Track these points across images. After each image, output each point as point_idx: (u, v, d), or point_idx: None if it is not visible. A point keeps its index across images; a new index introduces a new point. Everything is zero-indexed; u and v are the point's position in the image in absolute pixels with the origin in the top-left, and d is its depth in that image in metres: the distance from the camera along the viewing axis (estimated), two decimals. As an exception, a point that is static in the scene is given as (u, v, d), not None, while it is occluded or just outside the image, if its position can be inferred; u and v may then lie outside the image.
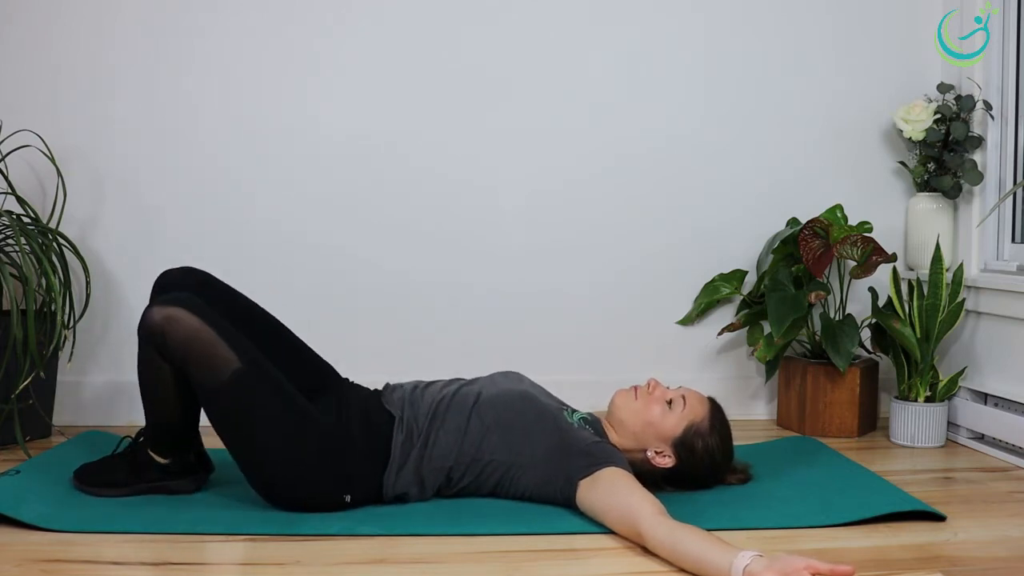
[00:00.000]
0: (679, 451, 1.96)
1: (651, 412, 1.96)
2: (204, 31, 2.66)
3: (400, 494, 1.90)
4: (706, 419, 1.97)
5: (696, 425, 1.95)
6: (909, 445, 2.54)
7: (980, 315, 2.60)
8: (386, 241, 2.74)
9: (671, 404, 1.97)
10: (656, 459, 1.95)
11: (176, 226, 2.67)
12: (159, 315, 1.77)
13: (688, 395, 1.99)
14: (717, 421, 1.99)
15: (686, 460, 1.96)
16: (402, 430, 1.90)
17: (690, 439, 1.95)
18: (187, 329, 1.76)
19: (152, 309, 1.79)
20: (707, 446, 1.96)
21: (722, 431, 1.99)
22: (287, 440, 1.80)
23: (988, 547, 1.77)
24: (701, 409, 1.98)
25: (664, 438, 1.95)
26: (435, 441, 1.90)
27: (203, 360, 1.76)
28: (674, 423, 1.95)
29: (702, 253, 2.85)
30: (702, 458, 1.96)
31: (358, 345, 2.64)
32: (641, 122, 2.82)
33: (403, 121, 2.73)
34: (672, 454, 1.96)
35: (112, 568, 1.59)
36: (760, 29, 2.85)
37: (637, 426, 1.96)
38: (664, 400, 1.97)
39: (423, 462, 1.89)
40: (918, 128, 2.71)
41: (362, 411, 1.94)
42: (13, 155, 2.50)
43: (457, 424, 1.91)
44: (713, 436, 1.97)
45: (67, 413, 2.59)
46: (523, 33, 2.77)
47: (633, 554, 1.69)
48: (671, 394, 1.99)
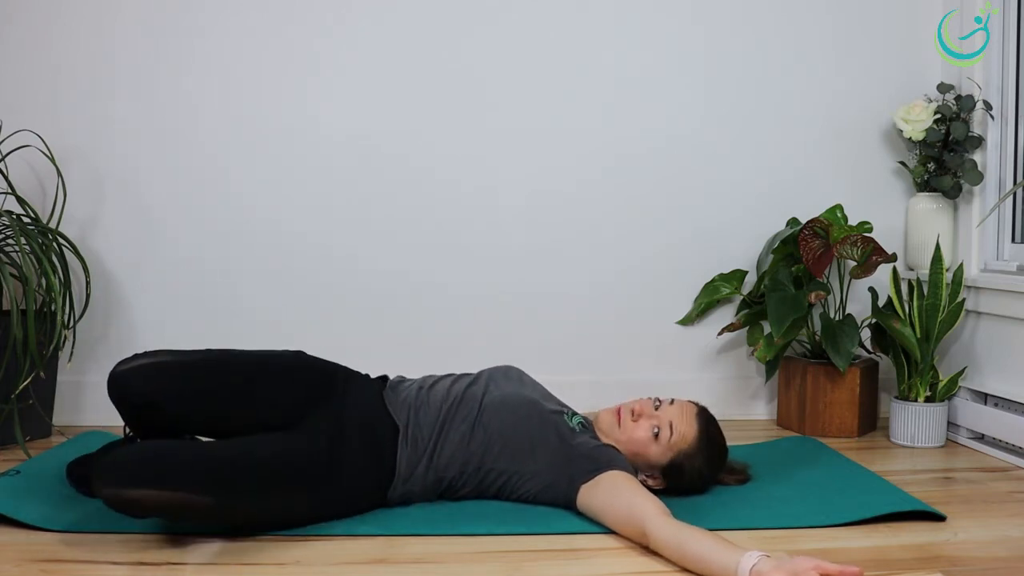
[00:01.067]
0: (667, 476, 1.96)
1: (636, 443, 1.93)
2: (204, 31, 2.66)
3: (402, 501, 1.90)
4: (694, 442, 1.94)
5: (684, 451, 1.94)
6: (909, 445, 2.54)
7: (980, 315, 2.60)
8: (386, 241, 2.74)
9: (658, 435, 1.93)
10: (646, 482, 1.95)
11: (176, 226, 2.67)
12: (117, 498, 1.59)
13: (676, 420, 1.94)
14: (704, 441, 1.96)
15: (675, 481, 1.96)
16: (407, 444, 1.88)
17: (678, 463, 1.94)
18: (151, 504, 1.59)
19: (106, 491, 1.59)
20: (694, 467, 1.95)
21: (709, 451, 1.97)
22: (287, 503, 1.75)
23: (988, 547, 1.77)
24: (690, 433, 1.94)
25: (651, 466, 1.95)
26: (440, 452, 1.90)
27: (179, 514, 1.64)
28: (660, 453, 1.93)
29: (702, 253, 2.85)
30: (691, 478, 1.96)
31: (357, 345, 2.63)
32: (641, 122, 2.82)
33: (403, 121, 2.73)
34: (660, 477, 1.96)
35: (112, 568, 1.59)
36: (760, 29, 2.85)
37: (624, 452, 1.94)
38: (650, 429, 1.93)
39: (428, 473, 1.89)
40: (918, 128, 2.71)
41: (364, 423, 1.88)
42: (13, 155, 2.50)
43: (462, 434, 1.90)
44: (699, 458, 1.95)
45: (67, 413, 2.59)
46: (523, 34, 2.77)
47: (634, 554, 1.69)
48: (658, 419, 1.94)
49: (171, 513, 1.63)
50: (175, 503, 1.59)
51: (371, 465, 1.85)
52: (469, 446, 1.90)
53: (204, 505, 1.62)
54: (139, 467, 1.60)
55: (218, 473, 1.65)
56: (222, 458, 1.68)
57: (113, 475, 1.59)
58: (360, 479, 1.83)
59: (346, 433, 1.83)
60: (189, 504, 1.60)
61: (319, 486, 1.77)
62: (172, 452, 1.66)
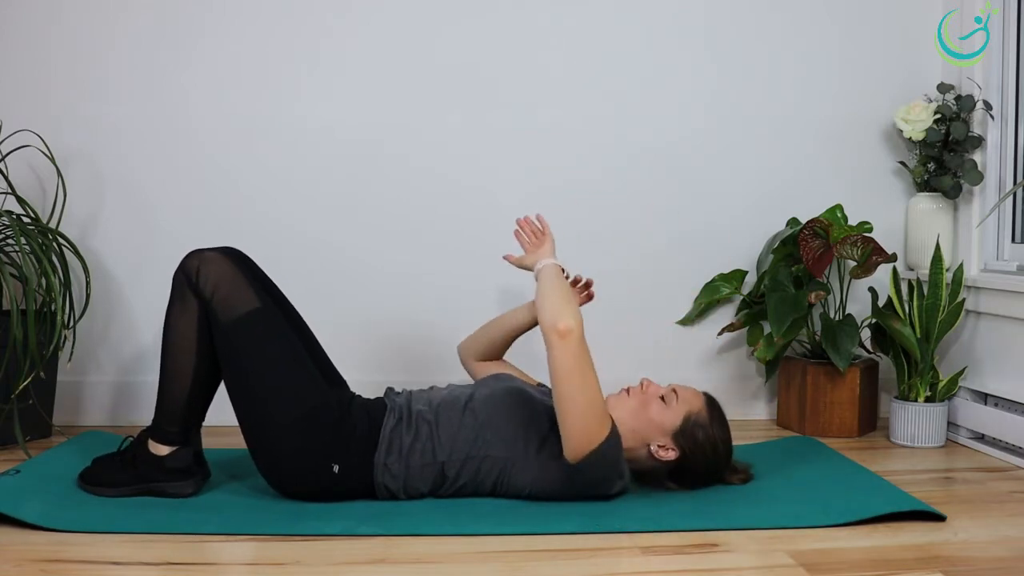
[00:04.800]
0: (681, 442, 1.96)
1: (648, 408, 1.97)
2: (204, 31, 2.66)
3: (392, 487, 1.91)
4: (703, 410, 1.99)
5: (694, 415, 1.97)
6: (909, 445, 2.54)
7: (980, 315, 2.60)
8: (386, 241, 2.74)
9: (664, 399, 1.98)
10: (660, 452, 1.96)
11: (176, 226, 2.66)
12: (198, 257, 1.94)
13: (680, 389, 2.01)
14: (715, 411, 2.01)
15: (689, 451, 1.96)
16: (393, 415, 1.95)
17: (690, 429, 1.96)
18: (220, 269, 1.92)
19: (193, 252, 1.95)
20: (708, 435, 1.97)
21: (721, 419, 2.01)
22: (285, 388, 1.87)
23: (988, 547, 1.77)
24: (696, 401, 2.00)
25: (664, 431, 1.96)
26: (429, 434, 1.92)
27: (228, 296, 1.90)
28: (672, 415, 1.96)
29: (702, 253, 2.85)
30: (704, 447, 1.97)
31: (357, 345, 2.64)
32: (641, 122, 2.82)
33: (403, 121, 2.73)
34: (674, 446, 1.96)
35: (112, 568, 1.59)
36: (760, 29, 2.85)
37: (636, 422, 1.96)
38: (658, 396, 1.99)
39: (413, 455, 1.90)
40: (918, 128, 2.71)
41: (363, 407, 1.98)
42: (13, 155, 2.50)
43: (449, 419, 1.93)
44: (713, 425, 1.98)
45: (67, 413, 2.59)
46: (523, 34, 2.76)
47: (633, 554, 1.69)
48: (663, 390, 2.01)
49: (221, 291, 1.90)
50: (234, 281, 1.91)
51: (363, 433, 1.91)
52: (459, 432, 1.92)
53: (251, 301, 1.91)
54: (230, 251, 1.99)
55: (276, 307, 1.99)
56: (281, 312, 2.01)
57: (210, 248, 1.98)
58: (353, 435, 1.90)
59: (350, 405, 1.96)
60: (242, 294, 1.91)
61: (325, 404, 1.90)
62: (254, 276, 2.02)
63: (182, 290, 1.93)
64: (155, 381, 1.96)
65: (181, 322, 1.93)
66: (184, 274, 1.94)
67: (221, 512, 1.85)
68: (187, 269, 1.93)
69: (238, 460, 2.13)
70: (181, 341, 1.93)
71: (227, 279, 1.92)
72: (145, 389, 2.52)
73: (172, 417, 1.93)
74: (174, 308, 1.95)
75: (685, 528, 1.80)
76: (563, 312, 1.83)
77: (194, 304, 1.92)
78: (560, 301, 1.88)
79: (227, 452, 2.20)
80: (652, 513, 1.87)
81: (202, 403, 1.97)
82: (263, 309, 1.92)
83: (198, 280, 1.91)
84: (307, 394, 1.90)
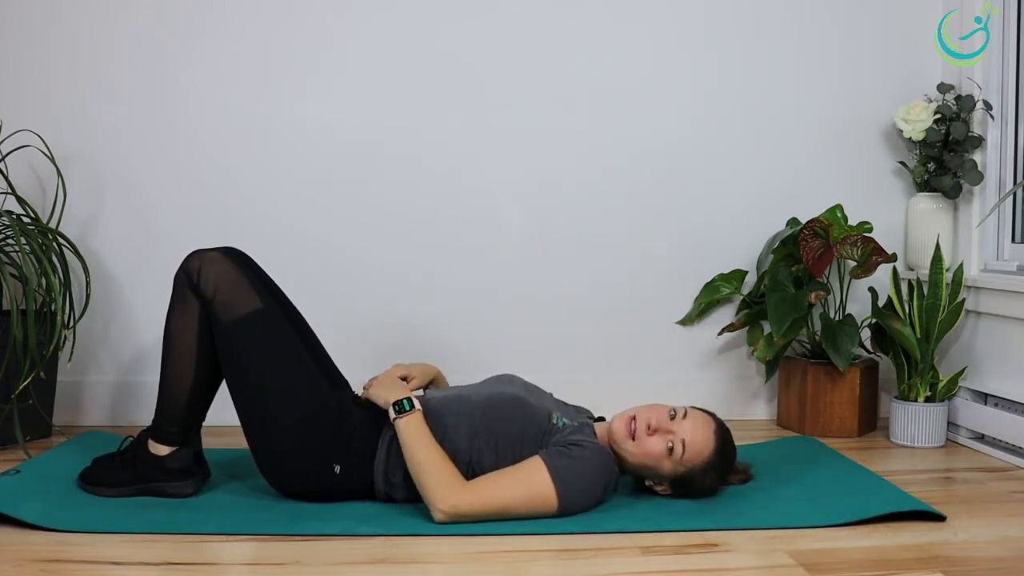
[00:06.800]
0: (674, 486, 1.95)
1: (649, 457, 1.92)
2: (204, 31, 2.66)
3: (391, 490, 1.90)
4: (708, 459, 1.92)
5: (696, 467, 1.92)
6: (909, 445, 2.54)
7: (980, 315, 2.60)
8: (386, 241, 2.74)
9: (671, 451, 1.89)
10: (653, 487, 1.97)
11: (176, 226, 2.66)
12: (199, 257, 1.94)
13: (690, 437, 1.89)
14: (718, 459, 1.94)
15: (682, 491, 1.96)
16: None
17: (689, 477, 1.93)
18: (222, 269, 1.93)
19: (194, 252, 1.96)
20: (704, 482, 1.94)
21: (721, 467, 1.96)
22: (287, 388, 1.88)
23: (988, 547, 1.77)
24: (706, 450, 1.91)
25: (661, 477, 1.95)
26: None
27: (229, 296, 1.90)
28: (672, 467, 1.92)
29: (702, 253, 2.84)
30: (698, 489, 1.96)
31: (357, 345, 2.64)
32: (641, 122, 2.81)
33: (403, 121, 2.73)
34: (668, 486, 1.96)
35: (112, 568, 1.59)
36: (760, 29, 2.85)
37: (634, 463, 1.94)
38: (665, 444, 1.89)
39: None
40: (918, 128, 2.71)
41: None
42: (13, 155, 2.50)
43: (446, 423, 1.91)
44: (710, 474, 1.94)
45: (67, 413, 2.59)
46: (523, 34, 2.76)
47: (633, 554, 1.69)
48: (673, 434, 1.90)
49: (223, 292, 1.90)
50: (236, 281, 1.92)
51: (363, 434, 1.91)
52: (456, 437, 1.89)
53: (253, 301, 1.91)
54: (231, 251, 2.00)
55: (278, 308, 1.99)
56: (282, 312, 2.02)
57: (211, 248, 1.98)
58: (354, 435, 1.90)
59: (352, 409, 1.97)
60: (244, 294, 1.91)
61: (326, 405, 1.91)
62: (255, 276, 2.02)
63: (183, 290, 1.93)
64: (155, 381, 1.97)
65: (182, 322, 1.93)
66: (185, 274, 1.93)
67: (221, 512, 1.85)
68: (188, 269, 1.93)
69: (238, 460, 2.13)
70: (182, 342, 1.93)
71: (228, 279, 1.92)
72: (145, 389, 2.52)
73: (172, 417, 1.93)
74: (175, 308, 1.95)
75: (685, 528, 1.81)
76: (436, 493, 1.79)
77: (195, 304, 1.92)
78: (431, 481, 1.81)
79: (227, 452, 2.20)
80: (652, 513, 1.88)
81: (202, 403, 1.97)
82: (264, 310, 1.92)
83: (199, 280, 1.91)
84: (308, 395, 1.90)
